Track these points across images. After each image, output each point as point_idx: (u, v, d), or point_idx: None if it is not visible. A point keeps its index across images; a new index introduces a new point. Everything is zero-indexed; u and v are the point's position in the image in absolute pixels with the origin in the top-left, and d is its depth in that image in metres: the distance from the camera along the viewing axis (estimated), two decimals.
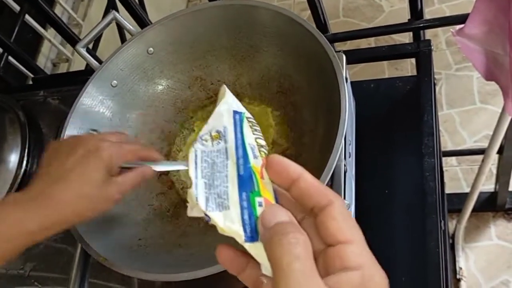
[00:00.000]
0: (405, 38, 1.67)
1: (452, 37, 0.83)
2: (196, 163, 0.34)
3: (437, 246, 0.58)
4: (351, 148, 0.68)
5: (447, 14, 1.79)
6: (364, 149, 0.70)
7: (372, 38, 1.75)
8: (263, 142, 0.36)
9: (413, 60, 0.82)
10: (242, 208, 0.32)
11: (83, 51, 0.68)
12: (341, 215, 0.30)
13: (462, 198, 1.36)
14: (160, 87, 0.70)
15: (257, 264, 0.30)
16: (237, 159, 0.35)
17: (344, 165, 0.62)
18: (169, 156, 0.68)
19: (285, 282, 0.27)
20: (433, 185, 0.61)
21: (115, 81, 0.67)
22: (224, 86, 0.40)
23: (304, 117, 0.62)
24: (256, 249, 0.30)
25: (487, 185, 1.45)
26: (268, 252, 0.29)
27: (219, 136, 0.36)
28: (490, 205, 1.47)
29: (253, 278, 0.32)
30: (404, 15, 1.88)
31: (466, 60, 1.67)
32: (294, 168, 0.32)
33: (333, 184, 0.61)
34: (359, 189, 0.67)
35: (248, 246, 0.30)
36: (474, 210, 1.33)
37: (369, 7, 1.92)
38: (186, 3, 2.28)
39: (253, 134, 0.37)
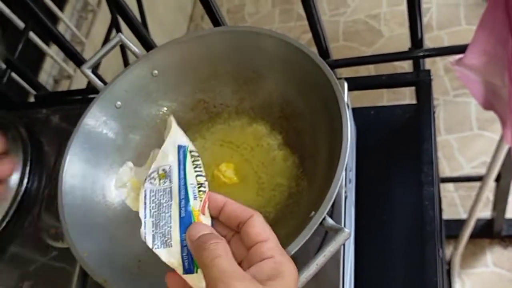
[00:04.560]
0: (405, 63, 1.69)
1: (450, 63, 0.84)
2: (145, 204, 0.41)
3: (435, 276, 0.58)
4: (352, 175, 0.68)
5: (445, 41, 1.82)
6: (363, 176, 0.70)
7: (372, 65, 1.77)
8: (202, 179, 0.43)
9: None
10: (182, 246, 0.40)
11: (89, 72, 0.68)
12: (259, 223, 0.40)
13: (459, 224, 1.37)
14: (164, 109, 0.71)
15: None
16: (179, 201, 0.41)
17: (345, 192, 0.62)
18: None
19: (210, 275, 0.35)
20: (432, 214, 0.62)
21: (119, 102, 0.68)
22: (171, 117, 0.45)
23: (305, 142, 0.63)
24: (192, 279, 0.38)
25: (484, 211, 1.46)
26: (197, 258, 0.37)
27: (165, 175, 0.42)
28: (486, 232, 1.48)
29: None
30: (403, 41, 1.89)
31: (464, 86, 1.69)
32: (220, 198, 0.42)
33: (333, 210, 0.61)
34: (357, 216, 0.67)
35: (186, 277, 0.39)
36: (471, 236, 1.33)
37: (369, 32, 1.95)
38: (188, 23, 2.30)
39: (195, 171, 0.43)
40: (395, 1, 1.97)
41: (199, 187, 0.42)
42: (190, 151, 0.44)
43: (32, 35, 1.33)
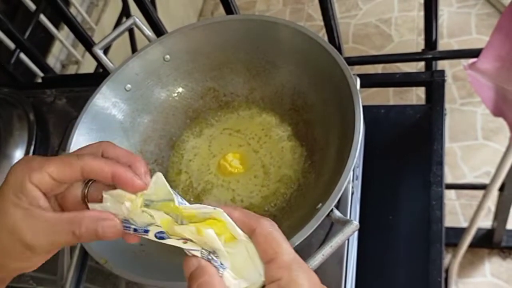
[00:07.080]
0: (412, 69, 1.68)
1: (458, 72, 0.84)
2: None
3: (440, 276, 0.58)
4: (359, 171, 0.68)
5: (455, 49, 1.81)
6: (370, 174, 0.70)
7: (380, 67, 1.77)
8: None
9: (418, 91, 0.83)
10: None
11: (101, 53, 0.68)
12: (262, 237, 0.36)
13: (458, 232, 1.36)
14: (173, 95, 0.70)
15: None
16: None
17: (352, 187, 0.62)
18: (179, 164, 0.68)
19: None
20: (439, 213, 0.61)
21: (129, 85, 0.67)
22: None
23: (315, 135, 0.62)
24: None
25: (484, 221, 1.45)
26: None
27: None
28: (486, 242, 1.47)
29: None
30: (412, 47, 1.89)
31: (471, 96, 1.69)
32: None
33: (339, 205, 0.60)
34: (362, 213, 0.67)
35: None
36: (470, 245, 1.32)
37: (379, 35, 1.94)
38: (197, 18, 2.30)
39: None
40: (407, 6, 1.96)
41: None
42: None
43: (42, 18, 1.33)
